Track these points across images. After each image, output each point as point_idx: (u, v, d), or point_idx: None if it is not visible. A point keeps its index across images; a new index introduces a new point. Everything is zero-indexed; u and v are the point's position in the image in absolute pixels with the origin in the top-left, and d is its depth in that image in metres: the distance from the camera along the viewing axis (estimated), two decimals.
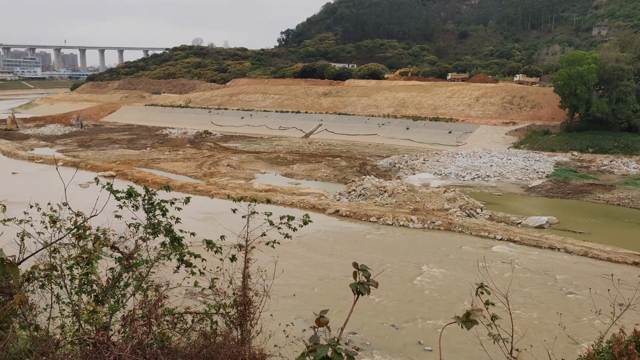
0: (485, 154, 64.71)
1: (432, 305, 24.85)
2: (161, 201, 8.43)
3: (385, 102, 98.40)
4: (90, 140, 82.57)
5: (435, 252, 32.53)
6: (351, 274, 12.86)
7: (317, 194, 46.54)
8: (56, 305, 7.46)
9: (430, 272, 28.94)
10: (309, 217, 8.66)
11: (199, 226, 31.24)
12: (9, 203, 8.78)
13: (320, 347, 2.40)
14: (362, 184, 46.40)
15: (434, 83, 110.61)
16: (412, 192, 43.29)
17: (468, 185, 52.56)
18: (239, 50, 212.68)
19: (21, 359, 6.13)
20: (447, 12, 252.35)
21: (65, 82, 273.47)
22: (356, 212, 40.45)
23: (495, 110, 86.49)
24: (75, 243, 7.57)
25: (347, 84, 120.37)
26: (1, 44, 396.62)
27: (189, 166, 59.99)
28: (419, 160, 62.82)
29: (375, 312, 23.44)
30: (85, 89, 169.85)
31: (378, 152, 74.00)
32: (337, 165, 61.79)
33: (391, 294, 25.37)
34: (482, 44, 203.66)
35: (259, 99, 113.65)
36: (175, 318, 7.48)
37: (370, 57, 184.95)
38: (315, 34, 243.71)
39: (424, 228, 37.65)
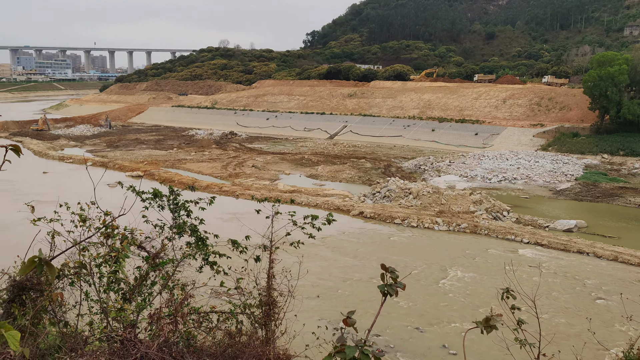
0: (512, 156, 63.87)
1: (458, 308, 24.60)
2: (185, 202, 8.52)
3: (411, 104, 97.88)
4: (119, 141, 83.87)
5: (461, 255, 32.21)
6: (376, 276, 12.91)
7: (342, 196, 46.50)
8: (85, 303, 7.59)
9: (455, 275, 28.67)
10: (332, 216, 8.66)
11: (224, 226, 31.56)
12: (39, 202, 8.98)
13: (349, 348, 2.39)
14: (386, 186, 46.21)
15: (460, 84, 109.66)
16: (437, 194, 42.95)
17: (494, 187, 51.93)
18: (264, 51, 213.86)
19: (51, 354, 6.25)
20: (474, 13, 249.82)
21: (95, 83, 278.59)
22: (381, 213, 40.30)
23: (522, 112, 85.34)
24: (104, 242, 7.70)
25: (372, 85, 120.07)
26: (34, 46, 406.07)
27: (214, 167, 60.50)
28: (445, 162, 62.30)
29: (399, 315, 23.31)
30: (113, 90, 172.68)
31: (403, 153, 73.63)
32: (361, 166, 61.66)
33: (416, 297, 25.20)
34: (509, 44, 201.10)
35: (284, 100, 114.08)
36: (200, 317, 7.55)
37: (395, 59, 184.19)
38: (340, 35, 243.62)
39: (449, 230, 37.33)
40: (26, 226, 11.89)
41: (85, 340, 6.76)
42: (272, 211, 8.51)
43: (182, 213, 8.47)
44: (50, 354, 6.25)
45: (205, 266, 8.48)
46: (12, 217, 31.51)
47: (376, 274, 19.60)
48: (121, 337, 5.95)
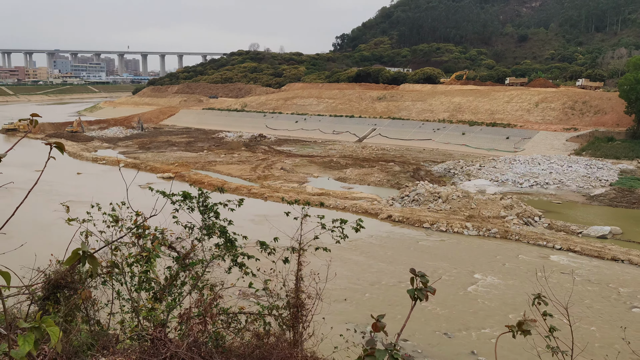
0: (544, 160, 62.75)
1: (487, 314, 24.27)
2: (213, 204, 8.60)
3: (441, 107, 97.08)
4: (150, 143, 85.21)
5: (490, 261, 31.77)
6: (404, 280, 12.91)
7: (370, 199, 46.35)
8: (116, 301, 7.74)
9: (484, 281, 28.29)
10: (362, 222, 8.65)
11: (252, 228, 31.73)
12: (74, 203, 9.17)
13: (379, 351, 2.38)
14: (415, 190, 45.89)
15: (491, 87, 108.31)
16: (467, 199, 42.47)
17: (526, 192, 51.09)
18: (294, 55, 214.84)
19: (83, 351, 6.38)
20: (506, 16, 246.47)
21: (128, 86, 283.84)
22: (409, 217, 40.04)
23: (555, 116, 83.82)
24: (136, 242, 7.84)
25: (401, 89, 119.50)
26: (69, 50, 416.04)
27: (243, 169, 60.98)
28: (475, 166, 61.57)
29: (427, 320, 23.10)
30: (146, 93, 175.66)
31: (432, 157, 73.03)
32: (390, 170, 61.38)
33: (444, 302, 24.94)
34: (542, 47, 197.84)
35: (313, 103, 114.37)
36: (229, 318, 7.62)
37: (425, 62, 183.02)
38: (370, 38, 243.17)
39: (479, 235, 36.86)
40: (60, 226, 12.17)
41: (116, 338, 6.89)
42: (302, 214, 8.53)
43: (211, 215, 8.56)
44: (83, 351, 6.38)
45: (234, 267, 8.56)
46: (47, 216, 32.30)
47: (404, 278, 19.43)
48: (151, 336, 6.04)
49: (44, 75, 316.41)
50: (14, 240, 3.03)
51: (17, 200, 13.75)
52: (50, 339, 2.24)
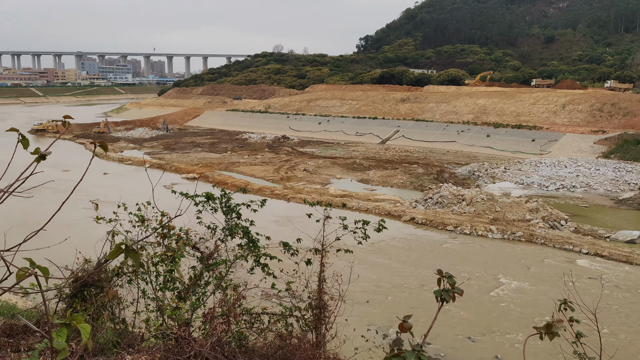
0: (571, 163, 61.74)
1: (511, 319, 23.95)
2: (236, 205, 8.66)
3: (465, 109, 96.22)
4: (175, 144, 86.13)
5: (515, 264, 31.36)
6: (427, 283, 12.85)
7: (393, 201, 46.15)
8: (142, 300, 7.84)
9: (509, 285, 27.93)
10: (384, 222, 8.62)
11: (275, 229, 31.84)
12: (101, 202, 9.31)
13: (408, 352, 2.37)
14: (439, 192, 45.54)
15: (517, 89, 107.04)
16: (491, 202, 42.00)
17: (552, 195, 50.33)
18: (317, 56, 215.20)
19: (109, 349, 6.48)
20: (533, 16, 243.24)
21: (153, 87, 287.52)
22: (432, 220, 39.75)
23: (583, 118, 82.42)
24: (161, 242, 7.94)
25: (425, 90, 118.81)
26: (97, 52, 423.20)
27: (266, 170, 61.24)
28: (500, 169, 60.87)
29: (450, 323, 22.90)
30: (171, 95, 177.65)
31: (456, 159, 72.41)
32: (413, 172, 61.03)
33: (467, 306, 24.69)
34: (570, 48, 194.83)
35: (337, 105, 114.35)
36: (252, 318, 7.66)
37: (450, 63, 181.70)
38: (394, 39, 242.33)
39: (503, 239, 36.42)
40: (87, 225, 12.35)
41: (141, 336, 6.98)
42: (324, 215, 8.54)
43: (233, 216, 8.63)
44: (109, 348, 6.48)
45: (257, 268, 8.61)
46: (75, 215, 32.83)
47: (427, 281, 19.33)
48: (176, 335, 6.11)
49: (72, 77, 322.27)
50: (42, 239, 3.09)
51: (45, 200, 14.25)
52: (81, 336, 2.28)
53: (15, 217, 33.30)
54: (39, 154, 2.68)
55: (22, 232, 3.91)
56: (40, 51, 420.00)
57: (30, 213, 34.47)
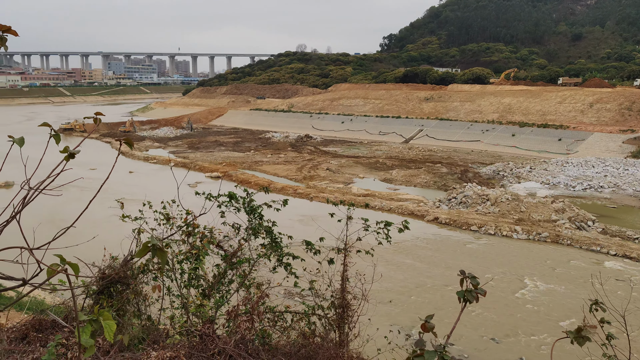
0: (598, 163, 60.65)
1: (536, 320, 23.63)
2: (258, 206, 8.70)
3: (490, 108, 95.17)
4: (199, 143, 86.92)
5: (540, 265, 30.93)
6: (450, 283, 12.73)
7: (416, 200, 45.88)
8: (167, 297, 7.93)
9: (534, 286, 27.56)
10: (407, 223, 8.58)
11: (298, 228, 31.91)
12: (126, 200, 9.45)
13: (428, 352, 2.36)
14: (463, 192, 45.14)
15: (543, 88, 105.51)
16: (516, 202, 41.48)
17: (578, 196, 49.49)
18: (340, 55, 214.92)
19: (135, 345, 6.57)
20: (560, 14, 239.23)
21: (178, 87, 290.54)
22: (456, 220, 39.42)
23: (611, 117, 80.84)
24: (185, 240, 8.03)
25: (449, 89, 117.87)
26: (123, 52, 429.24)
27: (289, 169, 61.42)
28: (525, 169, 60.08)
29: (474, 324, 22.70)
30: (195, 94, 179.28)
31: (481, 159, 71.67)
32: (437, 171, 60.60)
33: (491, 307, 24.44)
34: (598, 46, 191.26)
35: (360, 104, 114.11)
36: (275, 316, 7.69)
37: (474, 62, 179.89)
38: (418, 38, 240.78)
39: (528, 239, 35.94)
40: (113, 223, 12.53)
41: (166, 333, 7.06)
42: (347, 214, 8.53)
43: (256, 216, 8.68)
44: (134, 344, 6.57)
45: (279, 267, 8.65)
46: (101, 213, 33.37)
47: (450, 281, 19.14)
48: (200, 332, 6.17)
49: (98, 77, 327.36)
50: (70, 236, 3.17)
51: (72, 197, 14.50)
52: (105, 332, 2.31)
53: (44, 213, 33.99)
54: (68, 153, 2.73)
55: (50, 229, 4.00)
56: (68, 51, 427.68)
57: (57, 210, 35.15)
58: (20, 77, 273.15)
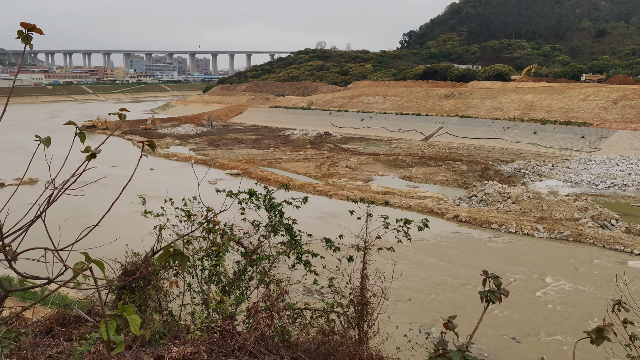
0: (623, 161, 59.63)
1: (558, 320, 23.35)
2: (278, 204, 8.73)
3: (511, 105, 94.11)
4: (219, 140, 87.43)
5: (562, 264, 30.54)
6: (470, 282, 12.65)
7: (436, 198, 45.62)
8: (187, 293, 8.01)
9: (555, 285, 27.23)
10: (427, 221, 8.54)
11: (317, 225, 31.93)
12: (148, 197, 9.53)
13: (453, 352, 2.34)
14: (483, 189, 44.75)
15: (565, 84, 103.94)
16: (538, 200, 40.99)
17: (602, 194, 48.73)
18: (360, 52, 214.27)
19: (156, 340, 6.64)
20: (583, 9, 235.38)
21: (198, 84, 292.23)
22: (476, 218, 39.11)
23: (636, 114, 79.36)
24: (206, 236, 8.09)
25: (470, 86, 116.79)
26: (144, 50, 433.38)
27: (309, 166, 61.47)
28: (547, 166, 59.34)
29: (494, 323, 22.51)
30: (215, 92, 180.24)
31: (502, 156, 70.96)
32: (457, 169, 60.15)
33: (512, 306, 24.21)
34: (622, 42, 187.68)
35: (379, 101, 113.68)
36: (295, 313, 7.71)
37: (496, 58, 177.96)
38: (438, 35, 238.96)
39: (550, 238, 35.51)
40: (134, 219, 12.67)
41: (187, 329, 7.13)
42: (367, 212, 8.52)
43: (276, 213, 8.71)
44: (156, 340, 6.65)
45: (299, 264, 8.68)
46: (123, 210, 33.80)
47: (471, 280, 18.97)
48: (220, 328, 6.22)
49: (120, 75, 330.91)
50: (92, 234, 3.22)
51: (95, 194, 14.69)
52: (130, 327, 2.35)
53: (67, 210, 34.50)
54: (90, 153, 2.77)
55: (74, 225, 4.06)
56: (90, 50, 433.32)
57: (81, 206, 35.65)
58: (44, 75, 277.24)
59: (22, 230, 2.56)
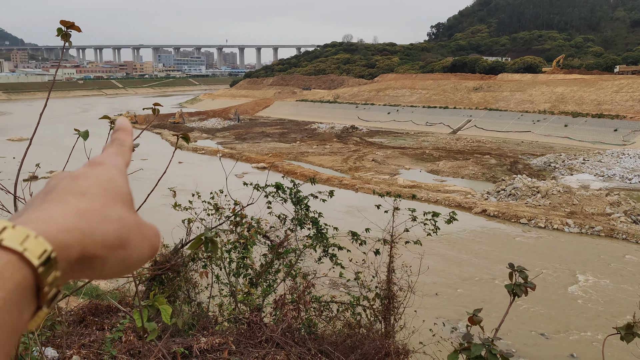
0: None
1: (589, 316, 22.97)
2: (305, 197, 8.77)
3: (542, 97, 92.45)
4: (246, 134, 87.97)
5: (594, 260, 29.99)
6: (498, 276, 12.56)
7: (464, 192, 45.18)
8: (215, 285, 8.13)
9: (587, 281, 26.77)
10: (455, 214, 8.48)
11: (343, 218, 31.94)
12: (177, 190, 9.67)
13: (475, 345, 2.34)
14: (512, 184, 44.15)
15: (598, 76, 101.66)
16: (568, 194, 40.28)
17: (635, 188, 47.61)
18: (387, 45, 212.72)
19: (185, 331, 6.77)
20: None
21: (226, 79, 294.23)
22: (505, 212, 38.63)
23: None
24: (234, 229, 8.19)
25: (499, 78, 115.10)
26: (172, 45, 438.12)
27: (335, 160, 61.46)
28: (578, 160, 58.21)
29: (522, 319, 22.25)
30: (242, 85, 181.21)
31: (531, 150, 69.82)
32: (485, 163, 59.44)
33: (541, 301, 23.89)
34: None
35: (406, 94, 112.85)
36: (321, 306, 7.76)
37: (526, 50, 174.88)
38: (467, 26, 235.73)
39: (581, 233, 34.88)
40: (163, 212, 12.88)
41: (215, 320, 7.24)
42: (393, 205, 8.51)
43: (303, 207, 8.76)
44: (185, 330, 6.77)
45: (325, 257, 8.72)
46: (151, 202, 34.37)
47: (499, 274, 18.77)
48: (248, 320, 6.30)
49: (149, 69, 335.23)
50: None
51: None
52: (161, 317, 2.41)
53: None
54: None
55: None
56: (120, 45, 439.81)
57: None
58: (75, 70, 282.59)
59: None
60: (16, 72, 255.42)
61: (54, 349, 5.33)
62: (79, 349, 5.46)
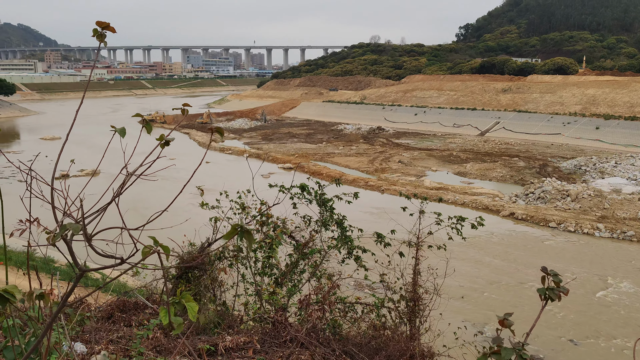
0: None
1: (619, 323, 22.46)
2: (330, 199, 8.77)
3: (572, 99, 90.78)
4: (272, 134, 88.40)
5: (625, 265, 29.32)
6: (526, 281, 12.40)
7: (491, 195, 44.63)
8: (241, 284, 8.19)
9: (618, 287, 26.18)
10: (482, 220, 8.38)
11: (369, 220, 31.91)
12: (204, 190, 9.77)
13: (504, 349, 2.31)
14: (541, 187, 43.45)
15: (631, 78, 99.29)
16: (599, 198, 39.47)
17: None
18: (415, 46, 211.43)
19: (210, 329, 6.82)
20: None
21: (253, 79, 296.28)
22: (533, 216, 38.03)
23: None
24: (259, 229, 8.24)
25: (529, 80, 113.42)
26: (201, 46, 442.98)
27: (361, 161, 61.34)
28: (610, 163, 56.99)
29: (551, 324, 21.88)
30: (269, 86, 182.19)
31: (561, 153, 68.63)
32: (514, 165, 58.62)
33: (570, 307, 23.45)
34: None
35: (434, 96, 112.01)
36: (346, 307, 7.75)
37: (556, 51, 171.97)
38: (496, 27, 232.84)
39: (612, 238, 34.14)
40: (190, 211, 13.02)
41: (240, 319, 7.29)
42: (420, 208, 8.45)
43: (327, 208, 8.77)
44: (210, 328, 6.83)
45: (349, 259, 8.71)
46: (179, 202, 34.77)
47: (526, 278, 18.53)
48: (273, 319, 6.33)
49: (178, 70, 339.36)
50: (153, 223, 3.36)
51: (153, 186, 15.03)
52: (188, 314, 2.44)
53: (127, 202, 35.76)
54: (164, 140, 2.92)
55: (135, 216, 4.24)
56: (150, 46, 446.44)
57: (140, 199, 36.88)
58: (106, 70, 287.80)
59: (99, 212, 2.73)
60: (49, 73, 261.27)
61: (83, 343, 5.43)
62: (107, 344, 5.56)
